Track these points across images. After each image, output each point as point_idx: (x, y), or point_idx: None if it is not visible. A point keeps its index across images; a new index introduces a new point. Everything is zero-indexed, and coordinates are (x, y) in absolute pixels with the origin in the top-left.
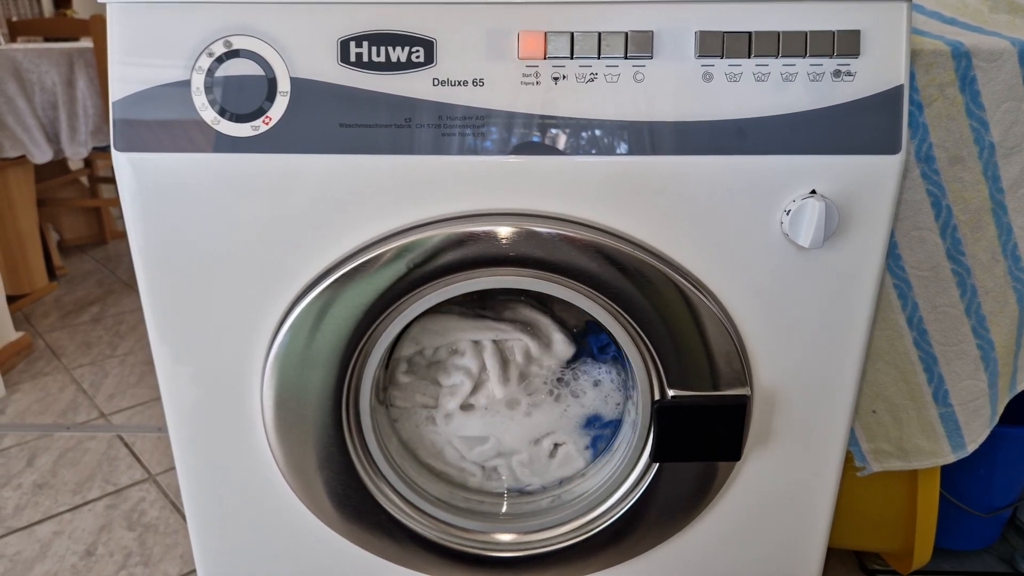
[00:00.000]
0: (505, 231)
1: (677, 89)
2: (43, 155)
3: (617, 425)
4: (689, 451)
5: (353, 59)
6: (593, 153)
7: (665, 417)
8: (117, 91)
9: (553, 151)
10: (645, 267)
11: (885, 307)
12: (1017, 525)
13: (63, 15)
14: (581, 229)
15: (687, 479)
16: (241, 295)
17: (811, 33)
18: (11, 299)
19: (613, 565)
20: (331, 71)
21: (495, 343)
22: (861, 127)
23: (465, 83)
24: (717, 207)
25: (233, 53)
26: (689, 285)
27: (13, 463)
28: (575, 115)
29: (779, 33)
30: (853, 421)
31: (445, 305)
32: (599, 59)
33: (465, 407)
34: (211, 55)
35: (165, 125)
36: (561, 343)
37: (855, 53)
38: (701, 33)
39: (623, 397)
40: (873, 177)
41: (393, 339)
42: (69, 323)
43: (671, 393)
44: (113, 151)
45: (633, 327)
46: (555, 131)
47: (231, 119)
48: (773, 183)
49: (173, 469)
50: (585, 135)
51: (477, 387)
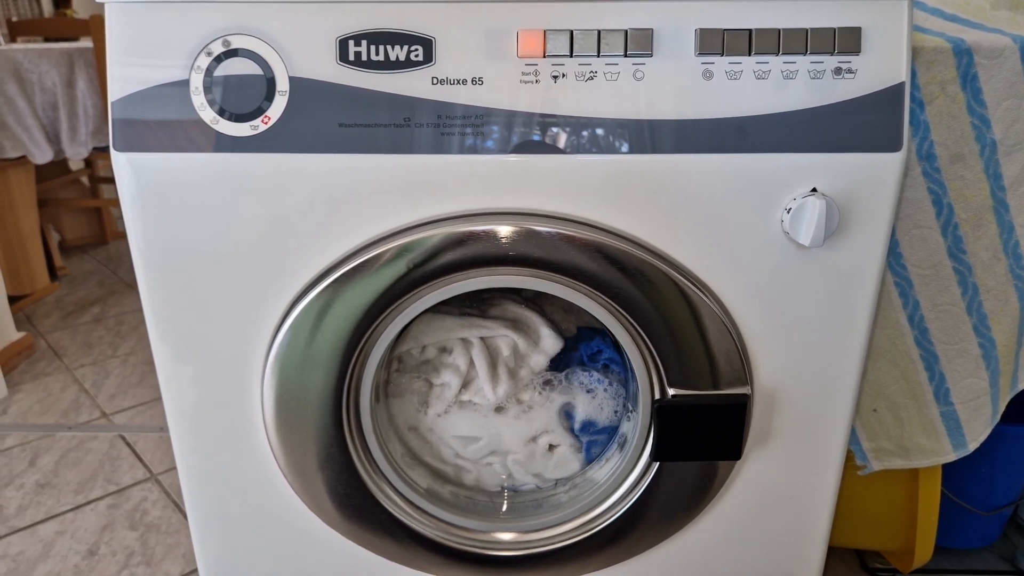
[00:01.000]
0: (505, 230)
1: (677, 87)
2: (43, 155)
3: (612, 432)
4: (689, 450)
5: (352, 58)
6: (593, 152)
7: (665, 416)
8: (116, 91)
9: (553, 150)
10: (645, 266)
11: (886, 305)
12: (1018, 523)
13: (63, 15)
14: (581, 228)
15: (687, 478)
16: (241, 295)
17: (812, 30)
18: (12, 299)
19: (613, 564)
20: (330, 70)
21: (483, 340)
22: (862, 125)
23: (464, 82)
24: (717, 206)
25: (232, 52)
26: (689, 284)
27: (16, 463)
28: (575, 114)
29: (779, 31)
30: (854, 420)
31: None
32: (599, 57)
33: (461, 404)
34: (210, 55)
35: (164, 125)
36: (549, 338)
37: (856, 50)
38: (701, 31)
39: (618, 405)
40: (874, 175)
41: (393, 338)
42: (70, 323)
43: (671, 392)
44: (112, 151)
45: (633, 326)
46: (555, 130)
47: (230, 119)
48: (773, 181)
49: (175, 469)
50: (585, 134)
51: (467, 384)
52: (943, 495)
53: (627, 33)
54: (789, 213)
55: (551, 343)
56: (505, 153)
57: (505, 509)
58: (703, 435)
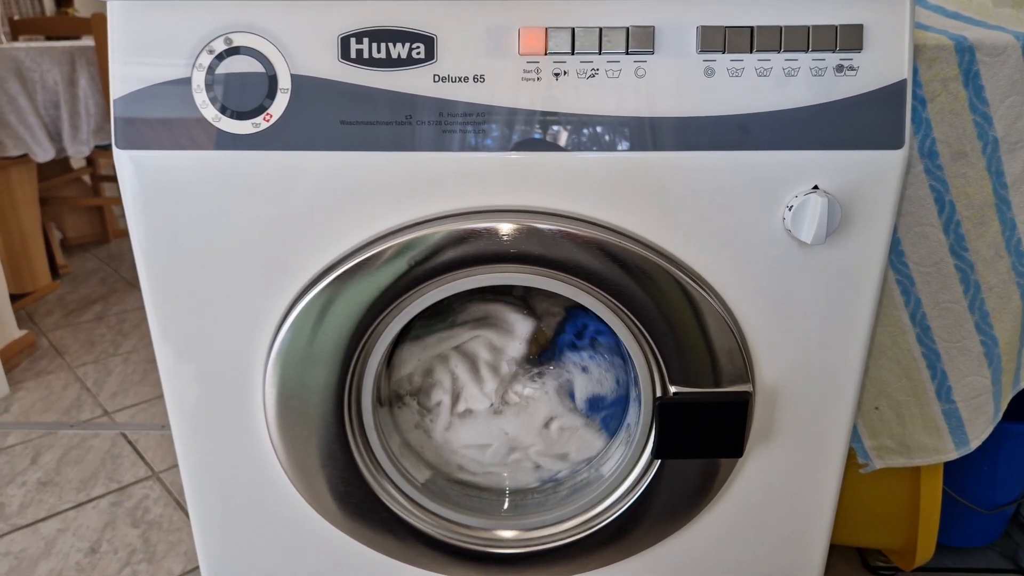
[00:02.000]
0: (506, 228)
1: (679, 84)
2: (45, 154)
3: (624, 402)
4: (691, 448)
5: (354, 56)
6: (594, 149)
7: (667, 414)
8: (118, 89)
9: (554, 147)
10: (647, 263)
11: (888, 303)
12: (1020, 522)
13: (64, 14)
14: (582, 226)
15: (689, 476)
16: (243, 292)
17: (814, 28)
18: (14, 298)
19: (615, 562)
20: (332, 68)
21: (459, 349)
22: (864, 122)
23: (466, 79)
24: (719, 203)
25: (233, 50)
26: (691, 281)
27: (18, 461)
28: (576, 111)
29: (781, 28)
30: (855, 418)
31: (408, 331)
32: (600, 55)
33: (463, 415)
34: (211, 52)
35: (166, 123)
36: (518, 322)
37: (858, 48)
38: (703, 28)
39: (620, 374)
40: (876, 173)
41: (394, 337)
42: (72, 321)
43: (673, 390)
44: (114, 149)
45: (635, 324)
46: (556, 127)
47: (232, 116)
48: (775, 179)
49: (176, 466)
50: (586, 131)
51: (460, 396)
52: (945, 493)
53: (629, 30)
54: (791, 211)
55: (522, 326)
56: (506, 151)
57: (507, 507)
58: (705, 433)
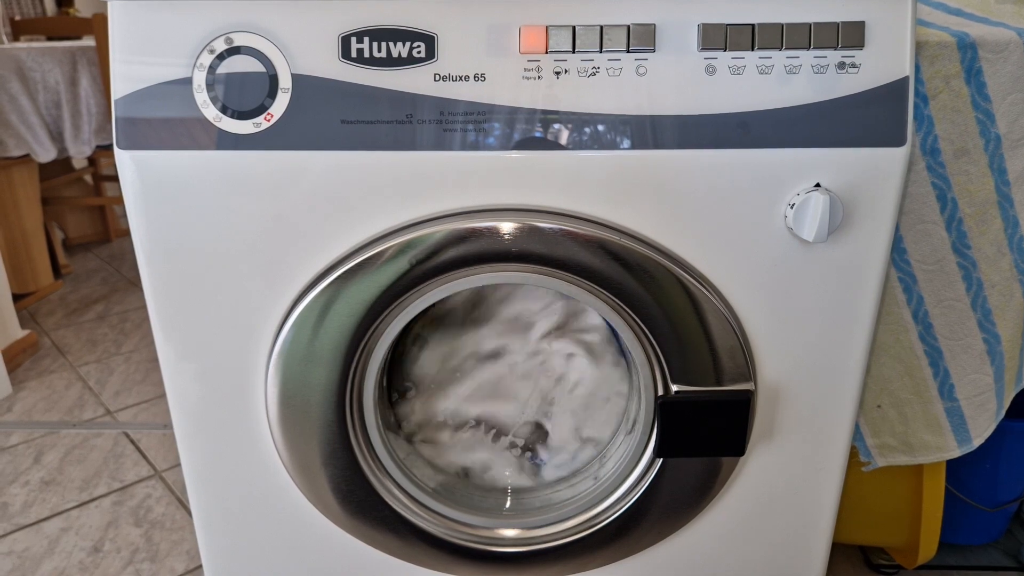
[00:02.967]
0: (508, 227)
1: (680, 82)
2: (47, 154)
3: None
4: (693, 447)
5: (354, 55)
6: (595, 148)
7: (668, 413)
8: (119, 89)
9: (555, 146)
10: (648, 262)
11: (890, 301)
12: (1023, 519)
13: (65, 14)
14: (584, 224)
15: (691, 475)
16: (244, 292)
17: (815, 25)
18: (16, 297)
19: (616, 561)
20: (332, 67)
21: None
22: (865, 120)
23: (466, 78)
24: (720, 201)
25: (234, 50)
26: (692, 280)
27: (20, 460)
28: (577, 110)
29: (783, 25)
30: (858, 416)
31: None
32: (601, 53)
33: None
34: (212, 52)
35: (167, 123)
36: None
37: (859, 45)
38: (704, 25)
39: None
40: (878, 170)
41: (395, 336)
42: (74, 321)
43: (674, 388)
44: (116, 149)
45: (636, 322)
46: (557, 126)
47: (233, 116)
48: (777, 177)
49: (179, 465)
50: (587, 130)
51: (499, 429)
52: (947, 491)
53: (630, 28)
54: (792, 208)
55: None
56: (507, 149)
57: (508, 505)
58: (707, 431)
